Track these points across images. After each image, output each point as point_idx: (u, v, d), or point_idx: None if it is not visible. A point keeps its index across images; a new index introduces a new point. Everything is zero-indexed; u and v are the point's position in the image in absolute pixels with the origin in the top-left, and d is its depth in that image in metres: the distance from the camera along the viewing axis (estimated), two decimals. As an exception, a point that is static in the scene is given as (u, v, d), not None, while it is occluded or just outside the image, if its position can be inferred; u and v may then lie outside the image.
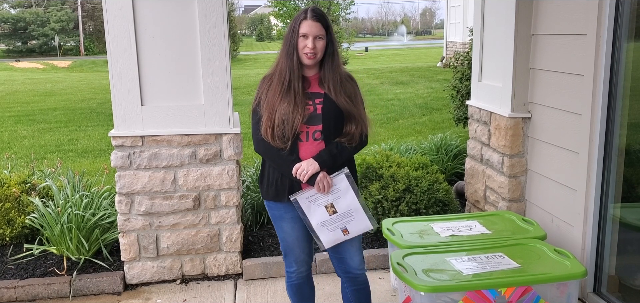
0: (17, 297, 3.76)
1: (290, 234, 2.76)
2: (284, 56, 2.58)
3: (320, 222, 2.63)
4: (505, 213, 3.81)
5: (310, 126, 2.58)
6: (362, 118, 2.64)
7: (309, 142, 2.59)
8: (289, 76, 2.54)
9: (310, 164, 2.54)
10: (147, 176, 3.77)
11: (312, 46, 2.52)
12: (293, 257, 2.83)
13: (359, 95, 2.68)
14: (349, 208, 2.62)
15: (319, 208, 2.61)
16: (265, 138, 2.57)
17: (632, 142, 3.23)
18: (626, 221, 3.36)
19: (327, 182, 2.56)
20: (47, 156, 7.94)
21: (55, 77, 21.80)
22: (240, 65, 27.37)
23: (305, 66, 2.59)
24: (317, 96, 2.60)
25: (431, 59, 26.29)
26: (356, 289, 2.84)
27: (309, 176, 2.54)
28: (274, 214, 2.77)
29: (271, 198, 2.72)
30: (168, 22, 3.62)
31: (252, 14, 76.17)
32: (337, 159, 2.60)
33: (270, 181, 2.69)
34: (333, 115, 2.58)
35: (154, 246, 3.88)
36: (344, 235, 2.67)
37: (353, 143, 2.63)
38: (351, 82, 2.68)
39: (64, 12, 38.82)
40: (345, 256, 2.78)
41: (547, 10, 3.70)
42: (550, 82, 3.69)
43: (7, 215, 4.31)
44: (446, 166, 5.86)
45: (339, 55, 2.65)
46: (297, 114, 2.51)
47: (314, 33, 2.52)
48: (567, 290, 2.91)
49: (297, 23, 2.55)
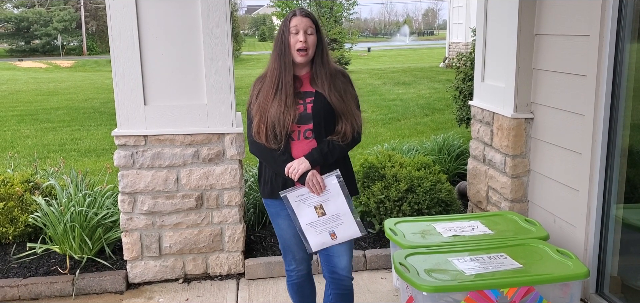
0: (20, 296, 3.77)
1: (287, 231, 2.78)
2: (275, 58, 2.59)
3: (308, 223, 2.63)
4: (507, 214, 3.81)
5: (301, 125, 2.60)
6: (353, 115, 2.64)
7: (300, 141, 2.61)
8: (280, 77, 2.56)
9: (301, 163, 2.56)
10: (150, 176, 3.78)
11: (303, 39, 2.54)
12: (291, 255, 2.85)
13: (350, 92, 2.68)
14: (338, 211, 2.61)
15: (308, 208, 2.61)
16: (257, 139, 2.60)
17: (635, 142, 3.22)
18: (629, 221, 3.35)
19: (317, 180, 2.56)
20: (50, 155, 7.96)
21: (58, 76, 21.84)
22: (243, 65, 27.38)
23: (297, 64, 2.60)
24: (308, 95, 2.62)
25: (434, 59, 26.26)
26: (339, 293, 2.77)
27: (299, 174, 2.55)
28: (271, 211, 2.80)
29: (268, 195, 2.75)
30: (171, 21, 3.63)
31: (254, 14, 76.21)
32: (328, 157, 2.61)
33: (266, 179, 2.73)
34: (323, 113, 2.59)
35: (156, 245, 3.89)
36: (332, 239, 2.65)
37: (346, 141, 2.63)
38: (343, 78, 2.68)
39: (67, 12, 38.87)
40: (332, 255, 2.74)
41: (550, 10, 3.69)
42: (553, 82, 3.69)
43: (10, 213, 4.33)
44: (449, 166, 5.86)
45: (328, 53, 2.67)
46: (288, 115, 2.53)
47: (304, 27, 2.55)
48: (569, 291, 2.91)
49: (287, 22, 2.57)
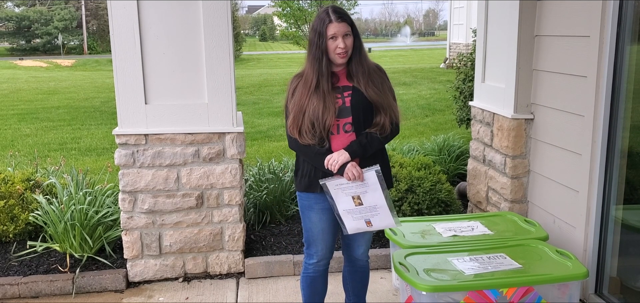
0: (20, 294, 3.78)
1: (317, 225, 2.82)
2: (311, 60, 2.64)
3: (346, 209, 2.68)
4: (507, 214, 3.82)
5: (341, 119, 2.65)
6: (391, 108, 2.70)
7: (340, 134, 2.66)
8: (317, 79, 2.61)
9: (340, 155, 2.61)
10: (151, 175, 3.78)
11: (343, 45, 2.59)
12: (315, 249, 2.88)
13: (387, 85, 2.74)
14: (375, 203, 2.66)
15: (346, 196, 2.66)
16: (292, 135, 2.67)
17: (635, 144, 3.23)
18: (628, 222, 3.36)
19: (356, 171, 2.59)
20: (51, 154, 7.97)
21: (59, 75, 21.85)
22: (244, 65, 27.39)
23: (337, 65, 2.67)
24: (345, 89, 2.68)
25: (434, 60, 26.25)
26: (353, 270, 3.04)
27: (339, 165, 2.60)
28: (303, 204, 2.84)
29: (304, 189, 2.78)
30: (172, 21, 3.64)
31: (255, 14, 76.25)
32: (367, 149, 2.66)
33: (304, 173, 2.77)
34: (362, 107, 2.65)
35: (156, 244, 3.89)
36: (367, 226, 2.72)
37: (384, 133, 2.69)
38: (379, 72, 2.75)
39: (68, 11, 38.87)
40: (352, 243, 2.95)
41: (550, 11, 3.70)
42: (553, 83, 3.70)
43: (10, 212, 4.33)
44: (449, 167, 5.86)
45: (365, 49, 2.73)
46: (328, 115, 2.59)
47: (342, 32, 2.60)
48: (568, 291, 2.92)
49: (324, 27, 2.60)
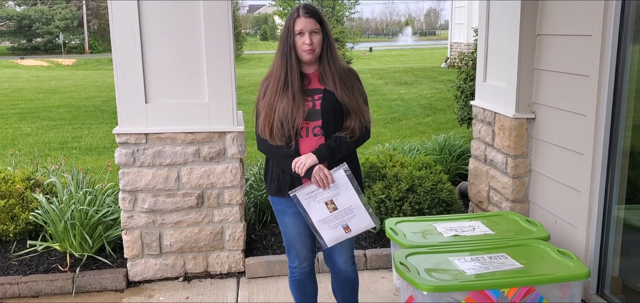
0: (20, 293, 3.77)
1: (292, 229, 2.79)
2: (280, 56, 2.61)
3: (321, 219, 2.63)
4: (508, 214, 3.81)
5: (310, 122, 2.61)
6: (361, 111, 2.65)
7: (309, 138, 2.62)
8: (286, 76, 2.57)
9: (308, 158, 2.56)
10: (151, 174, 3.77)
11: (309, 41, 2.55)
12: (295, 252, 2.85)
13: (358, 88, 2.69)
14: (350, 204, 2.61)
15: (318, 204, 2.60)
16: (262, 136, 2.62)
17: (637, 144, 3.22)
18: (630, 223, 3.35)
19: (323, 174, 2.55)
20: (51, 153, 7.96)
21: (60, 75, 21.85)
22: (244, 64, 27.37)
23: (305, 63, 2.62)
24: (316, 92, 2.63)
25: (435, 59, 26.24)
26: (340, 281, 2.95)
27: (306, 168, 2.55)
28: (276, 209, 2.81)
29: (274, 193, 2.75)
30: (173, 20, 3.63)
31: (256, 14, 76.22)
32: (336, 153, 2.61)
33: (273, 176, 2.73)
34: (332, 110, 2.60)
35: (157, 243, 3.89)
36: (346, 232, 2.66)
37: (354, 137, 2.64)
38: (351, 75, 2.70)
39: (69, 10, 38.88)
40: (332, 254, 2.85)
41: (552, 10, 3.69)
42: (555, 83, 3.68)
43: (11, 211, 4.33)
44: (450, 166, 5.85)
45: (335, 48, 2.68)
46: (298, 114, 2.54)
47: (309, 28, 2.56)
48: (570, 291, 2.90)
49: (291, 22, 2.58)
